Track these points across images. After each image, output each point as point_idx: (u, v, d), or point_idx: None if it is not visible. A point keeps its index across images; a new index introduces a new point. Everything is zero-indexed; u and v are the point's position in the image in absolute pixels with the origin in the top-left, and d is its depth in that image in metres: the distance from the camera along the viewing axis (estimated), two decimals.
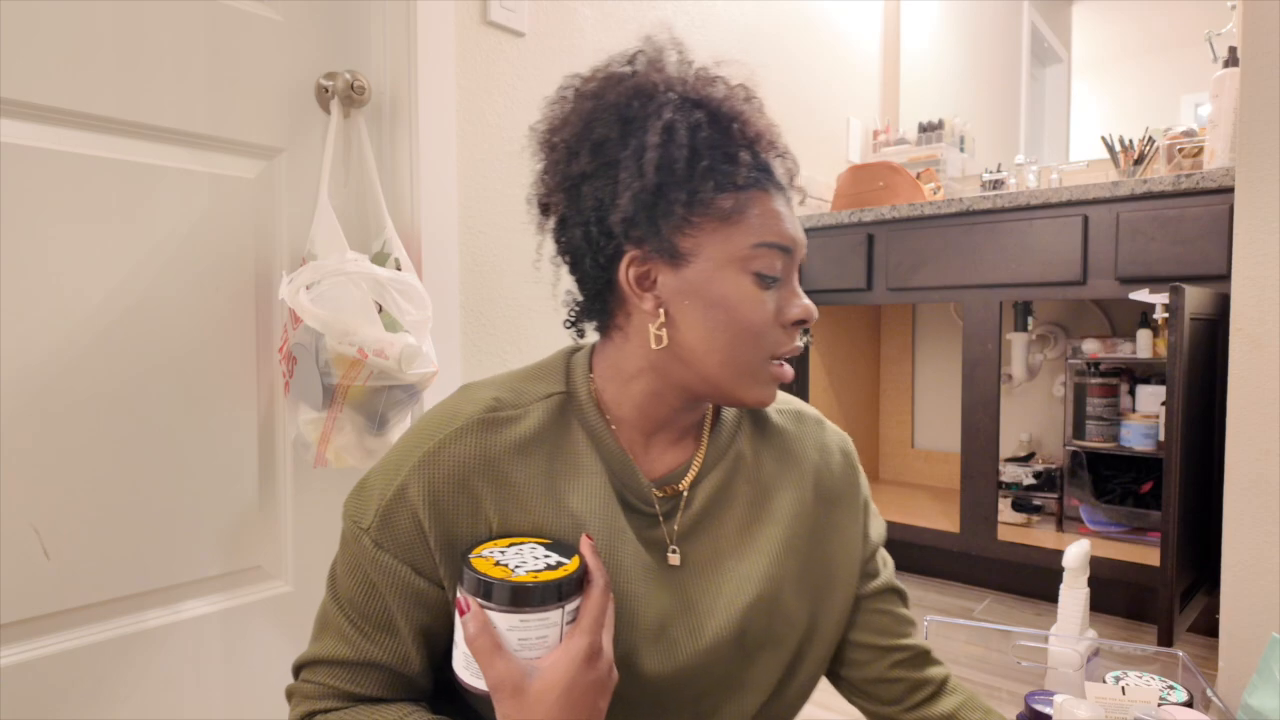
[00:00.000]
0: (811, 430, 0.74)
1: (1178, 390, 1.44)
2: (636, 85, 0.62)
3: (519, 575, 0.53)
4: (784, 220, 0.62)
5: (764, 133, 0.64)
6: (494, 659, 0.52)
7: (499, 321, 1.42)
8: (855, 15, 2.58)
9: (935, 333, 2.58)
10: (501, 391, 0.63)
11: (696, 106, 0.61)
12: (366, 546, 0.58)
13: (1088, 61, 2.39)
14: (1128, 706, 0.71)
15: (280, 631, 1.15)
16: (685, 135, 0.59)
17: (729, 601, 0.65)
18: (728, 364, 0.61)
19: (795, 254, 0.63)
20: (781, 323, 0.62)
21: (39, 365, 0.93)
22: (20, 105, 0.91)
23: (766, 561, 0.67)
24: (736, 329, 0.60)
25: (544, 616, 0.53)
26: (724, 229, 0.60)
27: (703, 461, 0.68)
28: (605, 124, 0.61)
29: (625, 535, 0.63)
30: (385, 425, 1.06)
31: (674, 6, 1.81)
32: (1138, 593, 1.81)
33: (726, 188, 0.60)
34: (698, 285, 0.60)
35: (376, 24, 1.24)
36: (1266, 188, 1.20)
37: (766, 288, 0.61)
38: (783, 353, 0.63)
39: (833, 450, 0.74)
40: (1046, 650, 1.40)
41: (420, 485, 0.57)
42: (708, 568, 0.66)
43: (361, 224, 1.21)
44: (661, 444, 0.67)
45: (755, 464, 0.70)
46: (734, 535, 0.67)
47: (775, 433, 0.72)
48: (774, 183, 0.63)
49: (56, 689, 0.95)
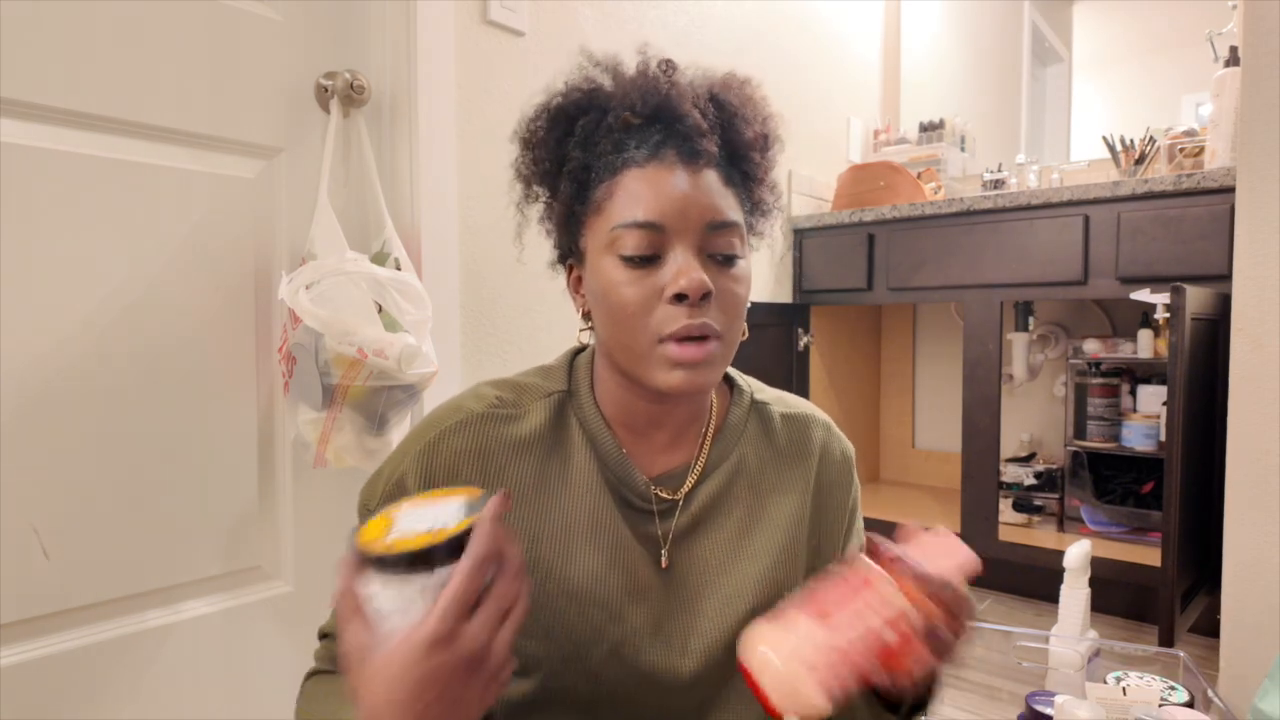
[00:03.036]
0: (818, 434, 0.73)
1: (1179, 390, 1.43)
2: (559, 112, 0.65)
3: (397, 536, 0.47)
4: (653, 195, 0.58)
5: (665, 104, 0.60)
6: (347, 625, 0.47)
7: (499, 321, 1.42)
8: (855, 15, 2.57)
9: (936, 333, 2.58)
10: (506, 391, 0.66)
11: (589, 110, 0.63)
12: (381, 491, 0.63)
13: (1089, 61, 2.39)
14: (1129, 707, 0.71)
15: (280, 631, 1.14)
16: (579, 146, 0.62)
17: (723, 606, 0.64)
18: (621, 350, 0.60)
19: (667, 226, 0.58)
20: (666, 300, 0.58)
21: (39, 365, 0.92)
22: (20, 105, 0.91)
23: (764, 567, 0.66)
24: (613, 315, 0.59)
25: (402, 583, 0.46)
26: (597, 220, 0.61)
27: (704, 465, 0.67)
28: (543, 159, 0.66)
29: (618, 532, 0.63)
30: (385, 425, 1.06)
31: (674, 6, 1.81)
32: (1138, 593, 1.81)
33: (604, 178, 0.61)
34: (590, 280, 0.63)
35: (376, 24, 1.24)
36: (1267, 187, 1.20)
37: (636, 267, 0.58)
38: (669, 333, 0.57)
39: (834, 457, 0.74)
40: (1047, 651, 1.39)
41: (418, 473, 0.61)
42: (701, 571, 0.65)
43: (361, 224, 1.21)
44: (659, 442, 0.67)
45: (758, 469, 0.69)
46: (730, 540, 0.67)
47: (781, 436, 0.72)
48: (657, 156, 0.59)
49: (56, 689, 0.95)
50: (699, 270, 0.57)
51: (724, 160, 0.62)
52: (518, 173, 0.68)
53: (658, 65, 0.63)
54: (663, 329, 0.58)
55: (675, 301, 0.57)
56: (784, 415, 0.73)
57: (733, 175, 0.63)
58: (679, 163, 0.59)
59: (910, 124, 2.64)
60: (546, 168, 0.65)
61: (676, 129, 0.60)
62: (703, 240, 0.59)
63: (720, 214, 0.59)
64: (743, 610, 0.65)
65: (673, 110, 0.60)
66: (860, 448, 2.61)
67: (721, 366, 0.61)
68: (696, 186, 0.59)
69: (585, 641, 0.62)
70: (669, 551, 0.65)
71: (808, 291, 2.27)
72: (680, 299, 0.57)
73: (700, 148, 0.59)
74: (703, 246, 0.59)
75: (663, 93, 0.61)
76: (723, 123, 0.62)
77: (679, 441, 0.68)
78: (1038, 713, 0.78)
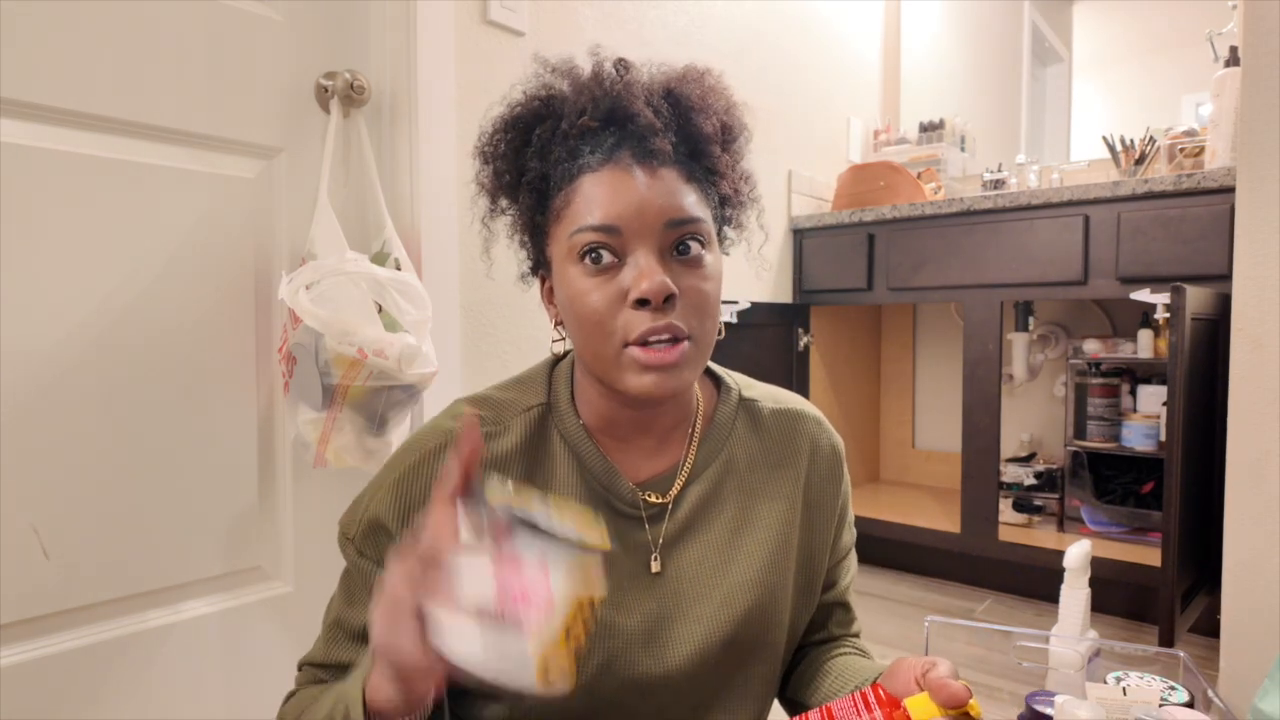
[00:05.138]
0: (809, 429, 0.72)
1: (1179, 390, 1.43)
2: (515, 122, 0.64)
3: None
4: (608, 198, 0.57)
5: (616, 106, 0.59)
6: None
7: (499, 321, 1.42)
8: (855, 15, 2.57)
9: (936, 333, 2.58)
10: (484, 408, 0.64)
11: (544, 118, 0.62)
12: (351, 554, 0.63)
13: (1089, 61, 2.39)
14: (1129, 707, 0.71)
15: (280, 632, 1.14)
16: (536, 156, 0.62)
17: (717, 610, 0.64)
18: (593, 358, 0.59)
19: (624, 229, 0.57)
20: (630, 305, 0.57)
21: (39, 365, 0.92)
22: (20, 105, 0.91)
23: (756, 568, 0.66)
24: (580, 321, 0.58)
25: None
26: (558, 228, 0.60)
27: (692, 467, 0.66)
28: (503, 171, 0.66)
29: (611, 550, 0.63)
30: (385, 425, 1.06)
31: (674, 6, 1.81)
32: (1139, 593, 1.81)
33: (562, 186, 0.60)
34: (558, 289, 0.62)
35: (376, 24, 1.24)
36: (1267, 187, 1.20)
37: (598, 273, 0.57)
38: (635, 337, 0.56)
39: (824, 451, 0.72)
40: (1047, 651, 1.39)
41: (397, 502, 0.61)
42: (693, 575, 0.65)
43: (361, 224, 1.21)
44: (644, 447, 0.66)
45: (747, 468, 0.68)
46: (721, 543, 0.66)
47: (770, 433, 0.71)
48: (611, 159, 0.58)
49: (56, 689, 0.95)
50: (660, 272, 0.56)
51: (684, 156, 0.60)
52: (480, 187, 0.67)
53: (612, 65, 0.62)
54: (629, 333, 0.56)
55: (638, 306, 0.56)
56: (773, 411, 0.71)
57: (694, 170, 0.61)
58: (634, 163, 0.58)
59: (910, 124, 2.65)
60: (507, 180, 0.64)
61: (630, 129, 0.59)
62: (663, 239, 0.57)
63: (678, 211, 0.57)
64: (734, 613, 0.64)
65: (625, 110, 0.59)
66: (860, 448, 2.61)
67: (696, 367, 0.60)
68: (652, 186, 0.57)
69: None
70: (660, 555, 0.64)
71: (808, 291, 2.27)
72: (643, 303, 0.56)
73: (654, 146, 0.58)
74: (664, 246, 0.57)
75: (614, 94, 0.59)
76: (679, 118, 0.60)
77: (665, 444, 0.66)
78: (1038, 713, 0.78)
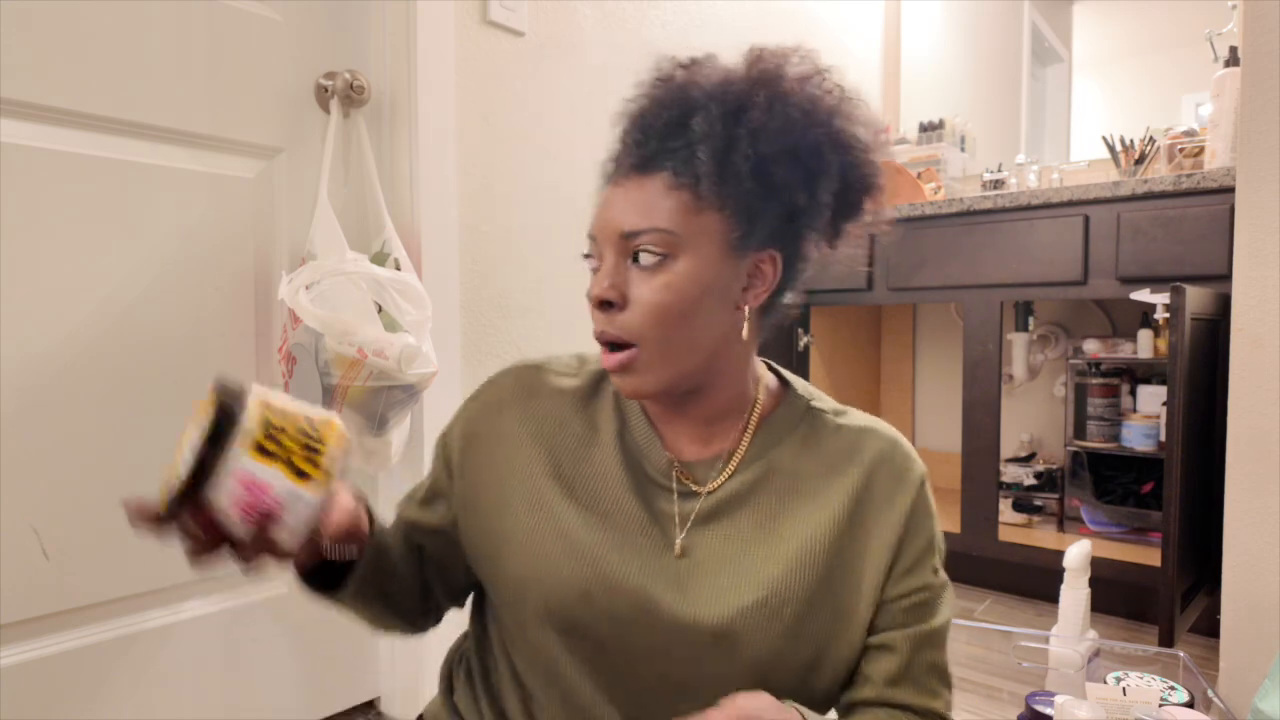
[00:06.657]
0: (875, 444, 0.67)
1: (1179, 390, 1.43)
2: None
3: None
4: (602, 209, 0.62)
5: (635, 120, 0.62)
6: None
7: (499, 321, 1.42)
8: (855, 15, 2.57)
9: (936, 333, 2.58)
10: (571, 358, 0.73)
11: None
12: (438, 440, 0.73)
13: (1089, 61, 2.39)
14: (1129, 707, 0.71)
15: (280, 631, 1.14)
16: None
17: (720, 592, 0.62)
18: None
19: (598, 237, 0.61)
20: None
21: (39, 365, 0.92)
22: (20, 105, 0.91)
23: (777, 570, 0.63)
24: None
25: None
26: None
27: (738, 460, 0.66)
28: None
29: (628, 503, 0.64)
30: (385, 426, 1.06)
31: (674, 6, 1.81)
32: (1138, 593, 1.81)
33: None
34: None
35: (376, 24, 1.24)
36: (1267, 188, 1.20)
37: (592, 274, 0.63)
38: (595, 334, 0.62)
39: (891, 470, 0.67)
40: (1047, 651, 1.39)
41: (463, 419, 0.70)
42: (704, 557, 0.64)
43: (361, 224, 1.21)
44: (688, 431, 0.67)
45: (793, 473, 0.66)
46: (745, 536, 0.65)
47: (829, 442, 0.67)
48: (617, 172, 0.62)
49: (56, 689, 0.95)
50: (607, 277, 0.60)
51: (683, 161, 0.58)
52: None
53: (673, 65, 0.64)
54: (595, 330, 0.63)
55: (594, 307, 0.61)
56: (841, 425, 0.68)
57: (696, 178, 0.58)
58: (626, 173, 0.61)
59: (910, 124, 2.64)
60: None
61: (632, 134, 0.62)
62: (622, 248, 0.60)
63: (630, 223, 0.58)
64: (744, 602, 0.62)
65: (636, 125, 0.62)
66: None
67: (654, 373, 0.60)
68: (624, 196, 0.60)
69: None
70: (682, 532, 0.65)
71: (807, 291, 2.26)
72: (596, 304, 0.61)
73: (636, 157, 0.60)
74: (625, 254, 0.60)
75: (648, 105, 0.62)
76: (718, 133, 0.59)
77: (713, 432, 0.67)
78: (1038, 713, 0.78)
